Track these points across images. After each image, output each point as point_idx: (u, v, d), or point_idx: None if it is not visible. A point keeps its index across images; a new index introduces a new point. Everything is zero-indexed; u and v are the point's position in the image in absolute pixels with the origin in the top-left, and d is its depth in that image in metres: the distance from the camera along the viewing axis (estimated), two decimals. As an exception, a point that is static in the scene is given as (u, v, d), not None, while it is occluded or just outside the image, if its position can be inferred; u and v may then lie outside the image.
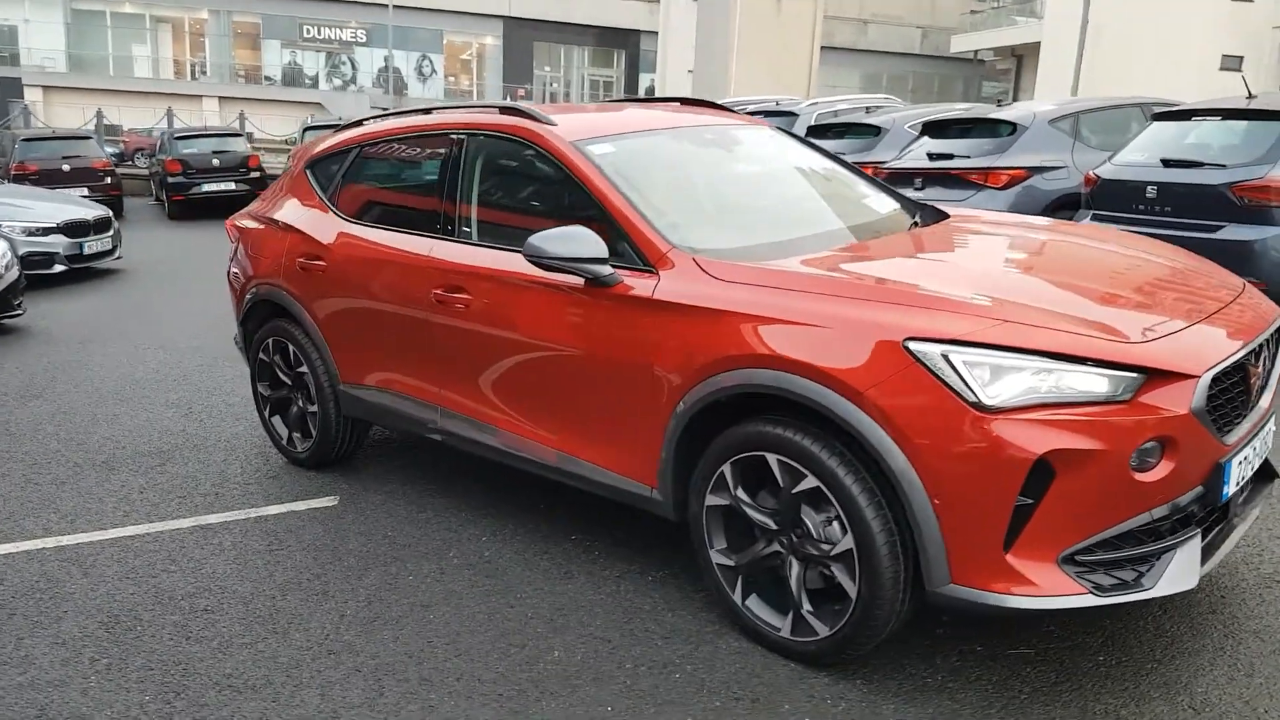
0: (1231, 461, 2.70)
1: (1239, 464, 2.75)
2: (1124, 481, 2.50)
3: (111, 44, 40.70)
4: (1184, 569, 2.61)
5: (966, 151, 8.10)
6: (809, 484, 2.75)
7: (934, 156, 8.27)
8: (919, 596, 2.70)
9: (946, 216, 3.90)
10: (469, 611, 3.33)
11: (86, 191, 14.10)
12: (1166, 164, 6.46)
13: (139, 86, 38.58)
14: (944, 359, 2.51)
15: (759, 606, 3.01)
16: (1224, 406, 2.69)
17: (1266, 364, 2.98)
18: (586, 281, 3.25)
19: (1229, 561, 3.44)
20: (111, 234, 11.11)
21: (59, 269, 10.41)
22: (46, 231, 10.41)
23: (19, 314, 8.20)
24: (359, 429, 4.65)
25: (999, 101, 9.19)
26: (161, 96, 35.87)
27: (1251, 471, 2.90)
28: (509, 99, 43.30)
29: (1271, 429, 3.03)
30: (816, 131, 10.42)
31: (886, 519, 2.64)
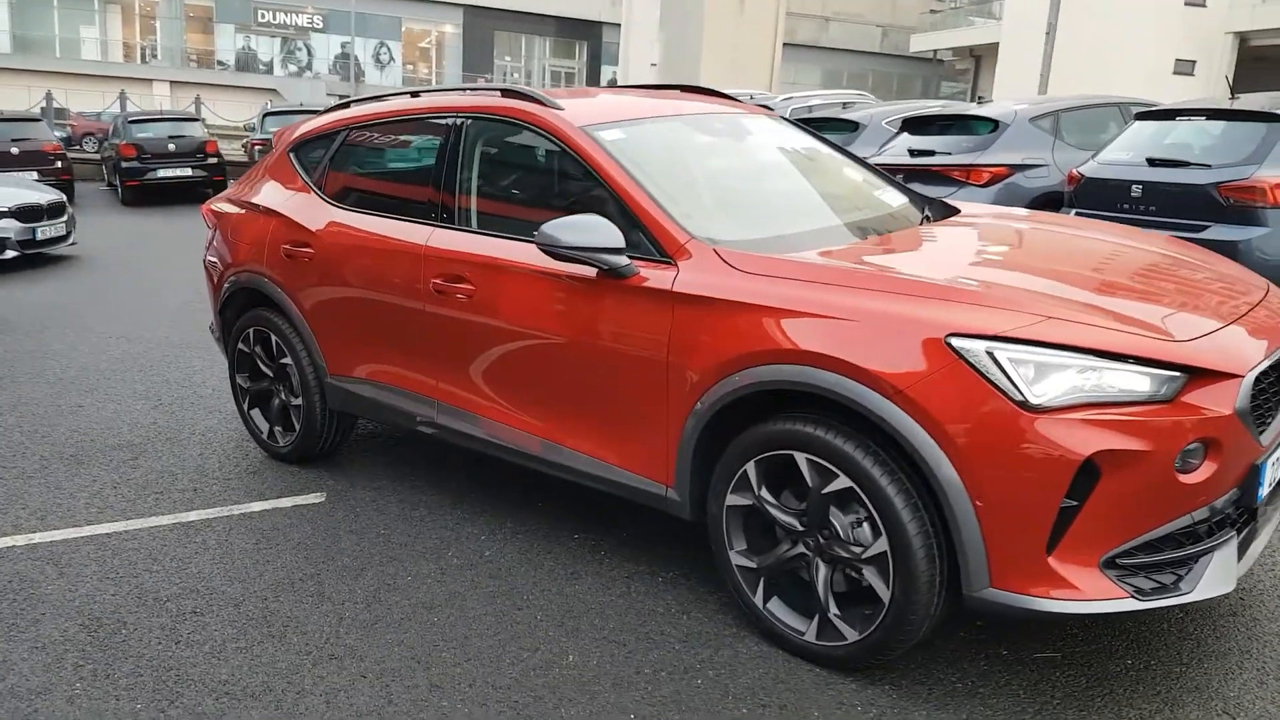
0: (1267, 462, 2.66)
1: (1273, 465, 2.71)
2: (1168, 483, 2.44)
3: (58, 25, 39.54)
4: (1221, 572, 2.56)
5: (948, 148, 8.09)
6: (841, 484, 2.66)
7: (915, 153, 8.25)
8: (952, 600, 2.62)
9: (957, 211, 3.83)
10: (474, 614, 3.20)
11: (36, 176, 13.62)
12: (1152, 163, 6.49)
13: (87, 69, 37.52)
14: (989, 356, 2.44)
15: (781, 610, 2.92)
16: (1261, 407, 2.65)
17: None
18: (599, 272, 3.13)
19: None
20: (65, 219, 10.72)
21: (10, 255, 10.02)
22: (-2, 215, 10.03)
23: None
24: (344, 423, 4.49)
25: (980, 99, 9.22)
26: (110, 80, 34.96)
27: None
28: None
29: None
30: (792, 126, 10.35)
31: (923, 521, 2.56)
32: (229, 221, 4.71)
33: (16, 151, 14.90)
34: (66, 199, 11.21)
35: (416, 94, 4.31)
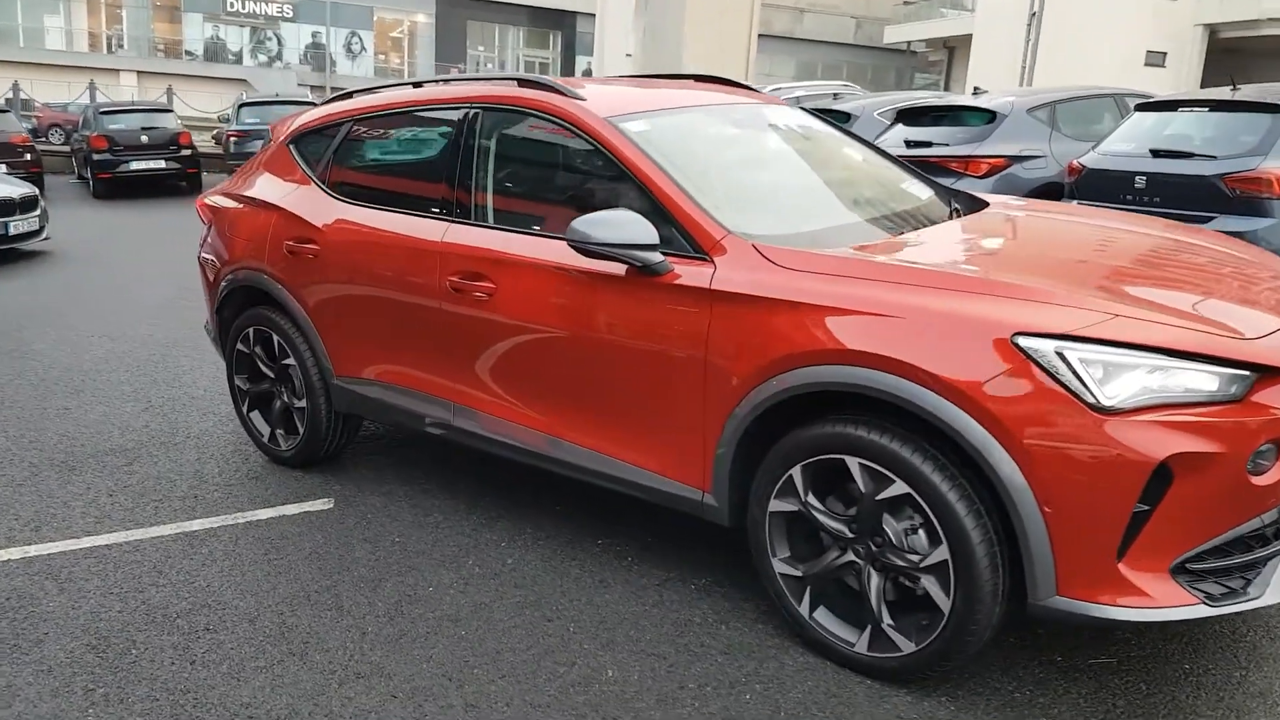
0: (1330, 463, 2.58)
1: (1334, 465, 2.63)
2: (1240, 485, 2.36)
3: (21, 14, 38.62)
4: (1289, 576, 2.48)
5: (945, 139, 8.02)
6: (897, 490, 2.55)
7: (911, 144, 8.17)
8: (1012, 609, 2.53)
9: (985, 203, 3.73)
10: (503, 626, 3.07)
11: (5, 169, 13.25)
12: (1156, 154, 6.44)
13: (51, 59, 36.69)
14: (1058, 356, 2.33)
15: (828, 619, 2.81)
16: (1325, 406, 2.57)
17: None
18: (630, 270, 3.00)
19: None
20: (38, 214, 10.41)
21: (-18, 250, 9.74)
22: (-32, 210, 9.72)
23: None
24: (350, 425, 4.34)
25: (975, 90, 9.21)
26: (76, 70, 34.23)
27: None
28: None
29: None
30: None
31: (986, 528, 2.46)
32: (225, 217, 4.53)
33: (-17, 144, 14.52)
34: (39, 192, 10.90)
35: (419, 84, 4.16)
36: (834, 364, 2.60)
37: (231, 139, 15.44)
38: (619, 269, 3.04)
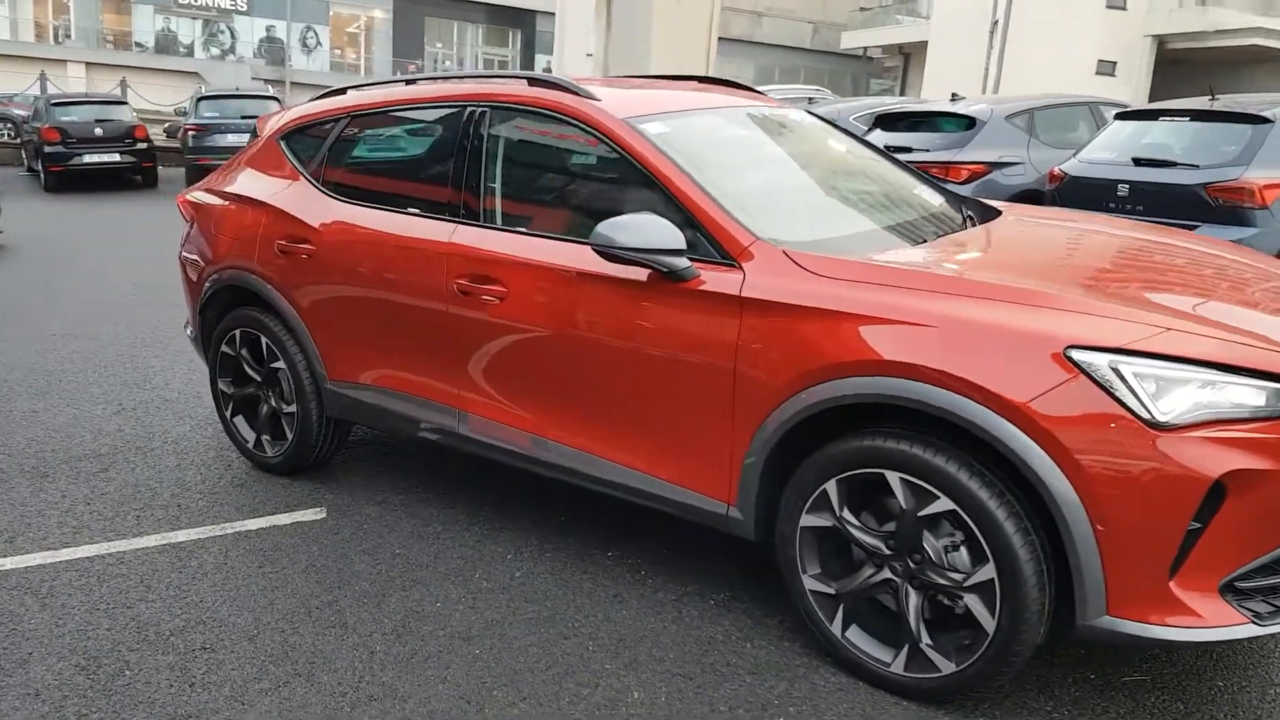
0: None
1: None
2: (1288, 503, 2.32)
3: (-37, 1, 37.53)
4: (1333, 593, 2.45)
5: (925, 145, 8.03)
6: (941, 506, 2.48)
7: (890, 149, 8.15)
8: (1055, 628, 2.47)
9: (998, 210, 3.69)
10: (518, 644, 2.95)
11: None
12: (1138, 163, 6.49)
13: (-5, 48, 35.68)
14: (1113, 370, 2.28)
15: (861, 639, 2.73)
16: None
17: None
18: (653, 275, 2.90)
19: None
20: (-10, 207, 10.06)
21: (-69, 244, 9.35)
22: (-84, 202, 9.34)
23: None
24: (341, 431, 4.18)
25: (954, 96, 9.25)
26: (21, 60, 33.29)
27: None
28: (398, 75, 42.03)
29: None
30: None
31: (1034, 546, 2.39)
32: (210, 214, 4.35)
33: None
34: (-11, 185, 10.52)
35: (411, 82, 4.03)
36: (876, 375, 2.52)
37: (190, 133, 15.06)
38: (639, 274, 2.94)
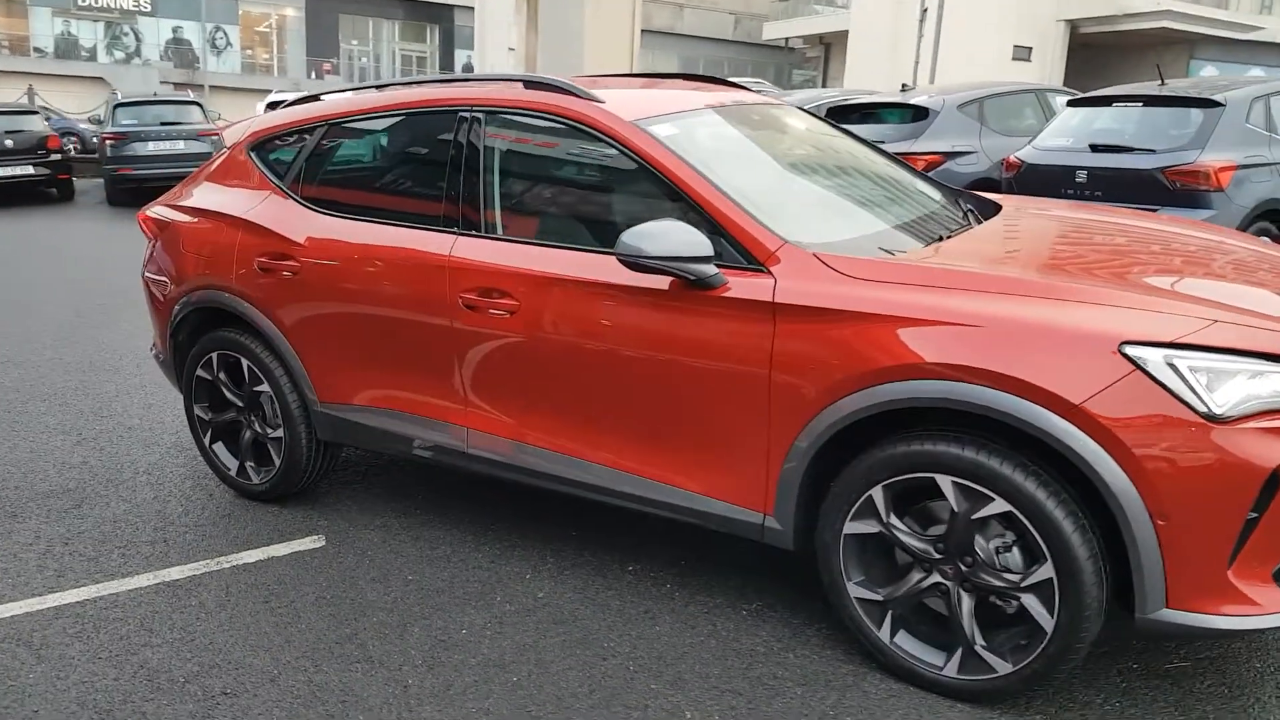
0: None
1: None
2: (1337, 488, 2.36)
3: None
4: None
5: (879, 137, 8.07)
6: (996, 508, 2.46)
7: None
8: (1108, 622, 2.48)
9: (999, 205, 3.70)
10: (556, 669, 2.86)
11: None
12: (1095, 149, 6.61)
13: (-121, 55, 33.94)
14: (1169, 365, 2.28)
15: (910, 644, 2.71)
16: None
17: None
18: (676, 283, 2.83)
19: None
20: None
21: None
22: None
23: None
24: (330, 454, 4.02)
25: (904, 86, 9.29)
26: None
27: None
28: (314, 75, 41.08)
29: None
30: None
31: (1091, 543, 2.39)
32: (177, 231, 4.14)
33: None
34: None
35: (383, 86, 3.89)
36: (924, 379, 2.49)
37: (108, 142, 14.44)
38: (661, 282, 2.87)
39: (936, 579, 2.62)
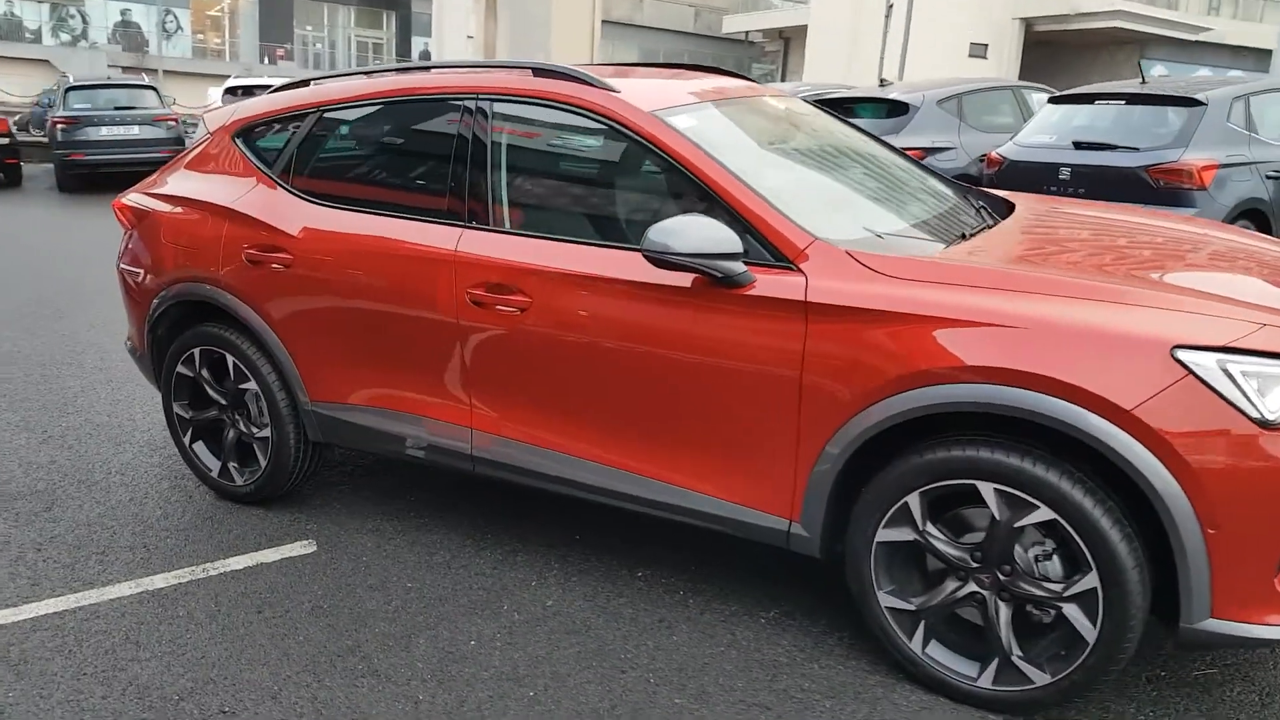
0: None
1: None
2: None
3: None
4: None
5: (860, 131, 8.02)
6: (1040, 516, 2.39)
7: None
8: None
9: (1013, 203, 3.63)
10: (573, 683, 2.74)
11: None
12: (1079, 146, 6.62)
13: None
14: (1223, 371, 2.22)
15: (943, 654, 2.63)
16: None
17: None
18: (700, 280, 2.73)
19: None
20: None
21: None
22: None
23: None
24: (319, 454, 3.86)
25: (882, 81, 9.24)
26: None
27: None
28: (267, 60, 40.25)
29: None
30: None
31: (1137, 553, 2.33)
32: (156, 221, 3.94)
33: None
34: None
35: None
36: (967, 382, 2.41)
37: (59, 126, 13.95)
38: (684, 280, 2.76)
39: (973, 588, 2.55)
